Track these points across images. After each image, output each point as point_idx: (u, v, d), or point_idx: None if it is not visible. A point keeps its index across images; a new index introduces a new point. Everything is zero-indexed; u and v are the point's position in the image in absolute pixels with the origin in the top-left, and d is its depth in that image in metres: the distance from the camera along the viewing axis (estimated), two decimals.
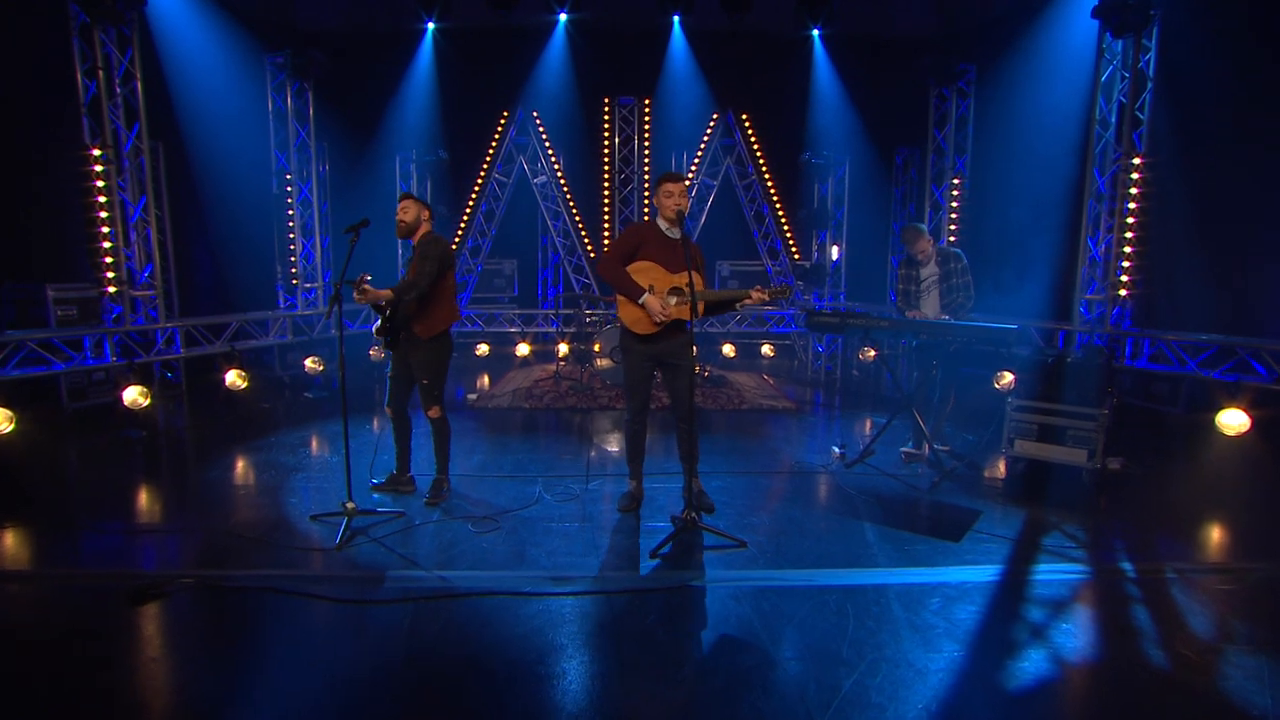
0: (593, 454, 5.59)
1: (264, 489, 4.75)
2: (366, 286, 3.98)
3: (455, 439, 4.68)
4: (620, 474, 4.82)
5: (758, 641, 2.88)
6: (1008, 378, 6.77)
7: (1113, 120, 6.66)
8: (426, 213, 4.45)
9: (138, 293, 6.65)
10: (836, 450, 5.47)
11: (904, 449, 5.49)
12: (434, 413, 4.46)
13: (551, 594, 3.27)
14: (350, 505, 3.94)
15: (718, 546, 3.80)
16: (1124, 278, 6.56)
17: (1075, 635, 3.00)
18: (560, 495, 4.60)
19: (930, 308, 5.37)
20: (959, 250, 5.37)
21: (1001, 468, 5.29)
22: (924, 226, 5.50)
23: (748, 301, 4.04)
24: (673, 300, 4.04)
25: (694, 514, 3.89)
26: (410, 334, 4.32)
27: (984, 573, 3.53)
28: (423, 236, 4.37)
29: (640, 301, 4.00)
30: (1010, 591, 3.39)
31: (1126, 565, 3.67)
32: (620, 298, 4.12)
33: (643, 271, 4.06)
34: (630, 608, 3.17)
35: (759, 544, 3.83)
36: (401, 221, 4.37)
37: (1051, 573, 3.57)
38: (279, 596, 3.23)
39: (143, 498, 4.71)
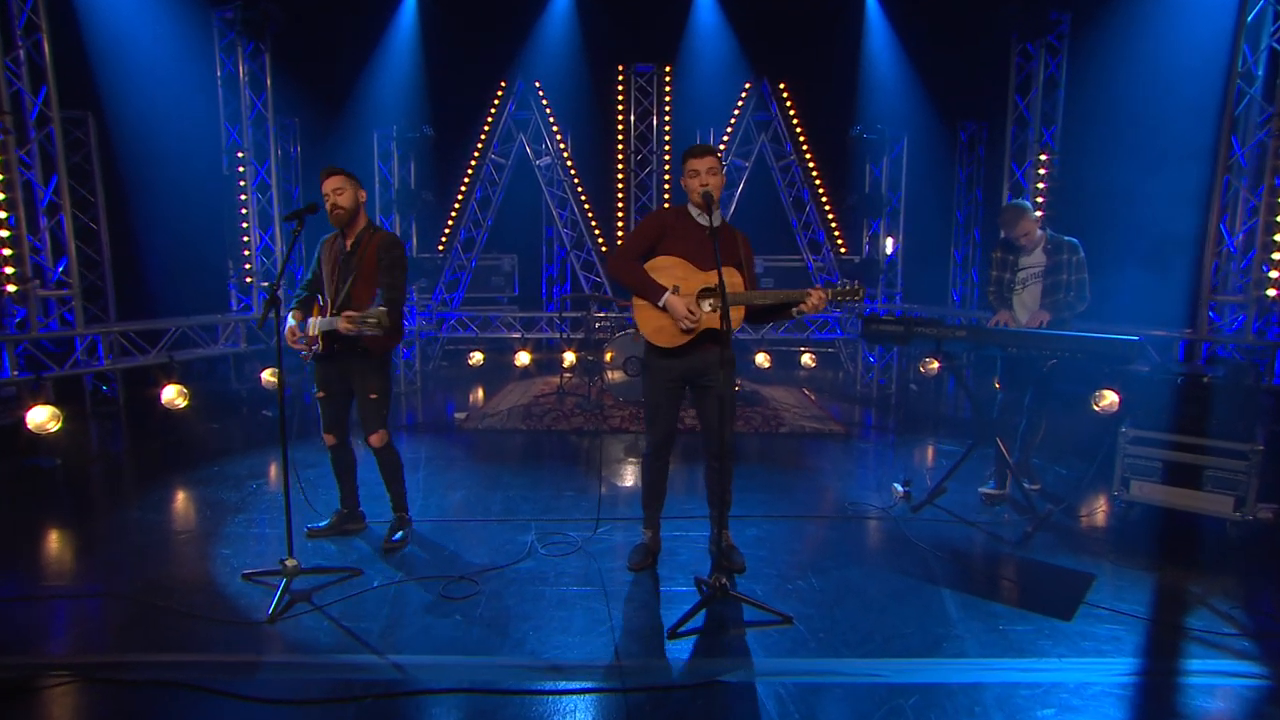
0: (602, 490, 5.16)
1: (194, 536, 4.35)
2: (352, 313, 3.74)
3: (437, 470, 4.44)
4: (633, 517, 4.40)
5: None
6: (1109, 398, 6.25)
7: (1259, 73, 5.90)
8: (363, 194, 4.10)
9: (49, 292, 6.23)
10: (899, 488, 5.00)
11: (983, 489, 4.99)
12: (380, 438, 4.12)
13: (539, 692, 2.81)
14: (290, 563, 3.55)
15: (756, 622, 3.33)
16: (1272, 274, 5.83)
17: None
18: (558, 547, 4.19)
19: (1026, 307, 4.89)
20: (1075, 240, 4.81)
21: (1103, 513, 4.76)
22: (1028, 204, 5.03)
23: (804, 308, 3.53)
24: (705, 305, 3.60)
25: (723, 579, 3.45)
26: (357, 350, 3.99)
27: (1111, 669, 2.98)
28: (381, 240, 4.02)
29: (661, 304, 3.57)
30: (1155, 702, 2.83)
31: None
32: (637, 301, 3.70)
33: (664, 269, 3.64)
34: (642, 713, 2.69)
35: (808, 618, 3.36)
36: (339, 206, 3.96)
37: (1209, 674, 2.99)
38: (182, 694, 2.78)
39: (39, 549, 4.27)
